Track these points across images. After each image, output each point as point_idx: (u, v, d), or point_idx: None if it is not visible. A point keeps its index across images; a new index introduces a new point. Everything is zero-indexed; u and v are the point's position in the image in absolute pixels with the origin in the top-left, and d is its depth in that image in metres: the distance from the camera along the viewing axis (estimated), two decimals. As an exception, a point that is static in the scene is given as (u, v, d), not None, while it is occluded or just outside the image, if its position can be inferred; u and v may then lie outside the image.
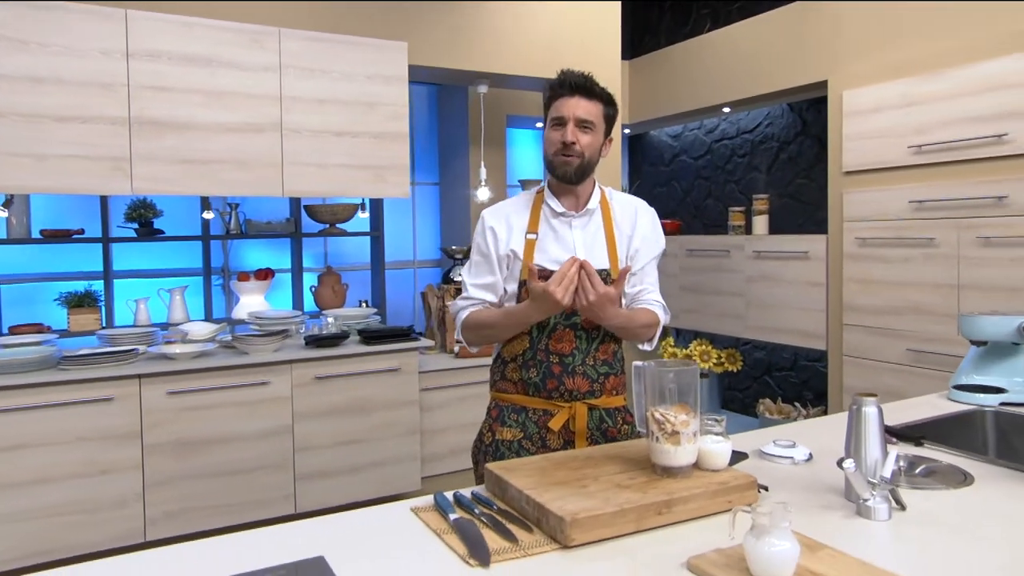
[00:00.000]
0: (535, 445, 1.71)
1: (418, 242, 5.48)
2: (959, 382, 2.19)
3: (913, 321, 3.46)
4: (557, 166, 1.69)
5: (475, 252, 1.78)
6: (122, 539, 2.83)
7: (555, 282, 1.52)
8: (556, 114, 1.69)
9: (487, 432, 1.78)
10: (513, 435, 1.72)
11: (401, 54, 3.41)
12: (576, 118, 1.66)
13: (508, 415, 1.74)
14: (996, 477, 1.48)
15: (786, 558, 1.01)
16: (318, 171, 3.24)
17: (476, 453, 1.81)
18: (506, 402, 1.76)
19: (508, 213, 1.77)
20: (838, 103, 3.79)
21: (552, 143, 1.69)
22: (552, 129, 1.70)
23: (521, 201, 1.80)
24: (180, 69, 2.93)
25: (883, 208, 3.56)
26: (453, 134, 5.12)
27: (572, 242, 1.73)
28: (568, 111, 1.66)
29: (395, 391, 3.34)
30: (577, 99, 1.67)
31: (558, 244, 1.72)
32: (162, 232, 3.72)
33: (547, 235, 1.73)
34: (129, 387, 2.82)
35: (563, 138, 1.66)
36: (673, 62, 5.10)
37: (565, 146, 1.66)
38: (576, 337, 1.70)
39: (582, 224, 1.75)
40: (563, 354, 1.69)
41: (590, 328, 1.70)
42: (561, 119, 1.67)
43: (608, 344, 1.74)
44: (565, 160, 1.68)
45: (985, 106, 3.12)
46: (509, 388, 1.75)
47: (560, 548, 1.16)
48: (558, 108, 1.69)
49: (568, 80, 1.68)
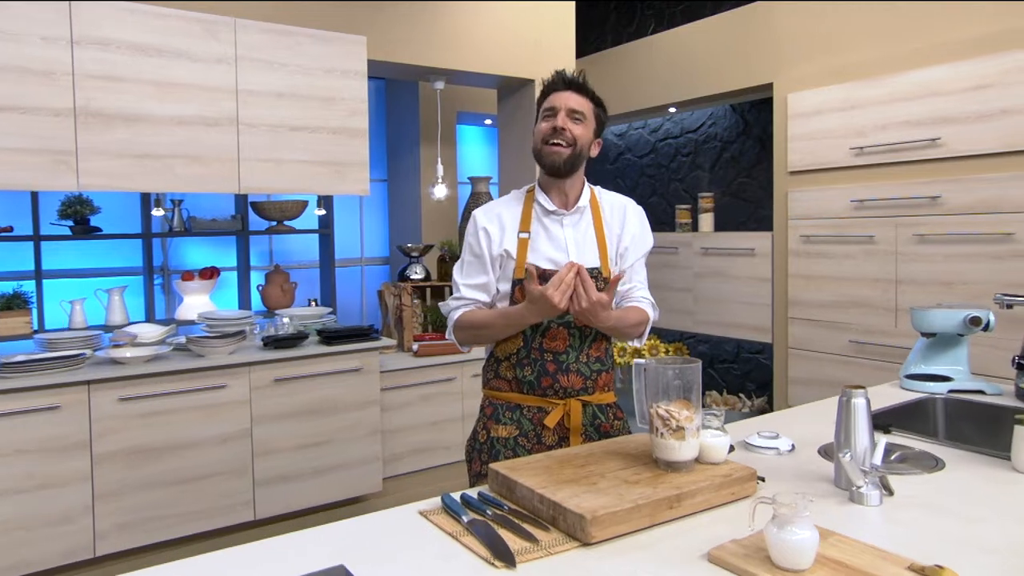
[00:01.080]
0: (531, 442, 1.72)
1: (366, 239, 5.40)
2: (909, 372, 2.33)
3: (854, 314, 3.64)
4: (546, 155, 1.69)
5: (467, 252, 1.77)
6: (69, 555, 2.67)
7: (553, 286, 1.53)
8: (548, 105, 1.71)
9: (481, 430, 1.78)
10: (509, 432, 1.73)
11: (360, 48, 3.34)
12: (568, 108, 1.68)
13: (503, 413, 1.75)
14: (965, 461, 1.59)
15: (808, 546, 1.05)
16: (275, 167, 3.14)
17: (470, 451, 1.81)
18: (500, 400, 1.76)
19: (500, 212, 1.76)
20: (783, 105, 3.95)
21: (542, 132, 1.70)
22: (543, 120, 1.72)
23: (512, 200, 1.80)
24: (129, 58, 2.78)
25: (826, 207, 3.74)
26: (403, 130, 5.06)
27: (564, 240, 1.74)
28: (560, 102, 1.69)
29: (356, 392, 3.29)
30: (569, 93, 1.70)
31: (550, 243, 1.73)
32: (99, 230, 3.52)
33: (539, 234, 1.73)
34: (77, 394, 2.66)
35: (554, 125, 1.68)
36: (620, 62, 5.19)
37: (555, 131, 1.67)
38: (570, 335, 1.72)
39: (573, 222, 1.76)
40: (557, 352, 1.71)
41: (582, 325, 1.72)
42: (553, 109, 1.70)
43: (600, 342, 1.77)
44: (555, 148, 1.68)
45: (920, 111, 3.32)
46: (503, 386, 1.76)
47: (580, 546, 1.18)
48: (550, 100, 1.71)
49: (561, 76, 1.72)
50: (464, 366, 3.77)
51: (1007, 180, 3.04)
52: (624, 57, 5.16)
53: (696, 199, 4.90)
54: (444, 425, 3.71)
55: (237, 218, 4.00)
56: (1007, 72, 3.02)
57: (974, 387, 2.18)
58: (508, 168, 4.40)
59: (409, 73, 3.89)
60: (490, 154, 5.79)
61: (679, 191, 5.34)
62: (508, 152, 4.39)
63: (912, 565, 1.05)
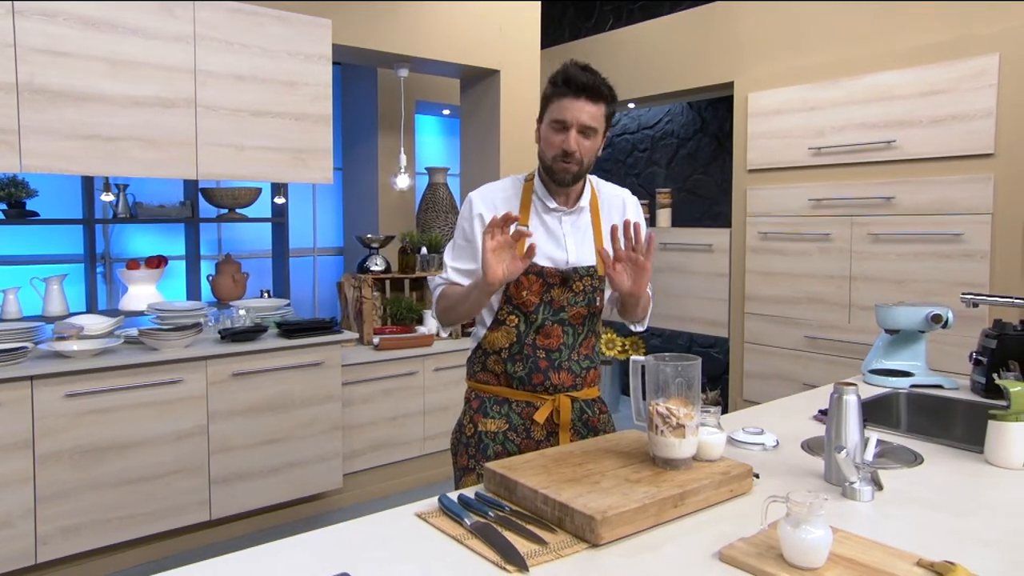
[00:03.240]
0: (520, 436, 1.70)
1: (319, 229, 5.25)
2: (872, 367, 2.39)
3: (809, 310, 3.75)
4: (556, 171, 1.64)
5: (460, 235, 1.73)
6: (8, 563, 2.50)
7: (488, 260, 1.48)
8: (559, 116, 1.60)
9: (468, 424, 1.75)
10: (498, 427, 1.70)
11: (325, 31, 3.22)
12: (579, 124, 1.59)
13: (490, 407, 1.72)
14: (940, 455, 1.64)
15: (822, 545, 1.06)
16: (235, 153, 3.00)
17: (456, 444, 1.78)
18: (487, 393, 1.74)
19: (496, 201, 1.70)
20: (743, 104, 4.01)
21: (552, 146, 1.62)
22: (553, 131, 1.62)
23: (510, 188, 1.74)
24: (79, 33, 2.60)
25: (784, 205, 3.83)
26: (359, 118, 4.93)
27: (562, 237, 1.70)
28: (572, 116, 1.58)
29: (316, 386, 3.19)
30: (583, 102, 1.58)
31: (548, 239, 1.69)
32: (36, 214, 3.31)
33: (537, 228, 1.68)
34: (18, 390, 2.49)
35: (565, 146, 1.60)
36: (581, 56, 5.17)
37: (566, 153, 1.61)
38: (564, 333, 1.70)
39: (572, 220, 1.72)
40: (550, 349, 1.69)
41: (576, 323, 1.71)
42: (563, 123, 1.60)
43: (590, 339, 1.75)
44: (564, 167, 1.63)
45: (876, 114, 3.42)
46: (491, 380, 1.73)
47: (588, 547, 1.16)
48: (561, 110, 1.59)
49: (575, 80, 1.58)
50: (426, 360, 3.71)
51: (957, 183, 3.17)
52: (584, 52, 5.16)
53: (653, 195, 4.95)
54: (405, 420, 3.64)
55: (187, 204, 3.82)
56: (958, 79, 3.15)
57: (933, 382, 2.26)
58: (470, 160, 4.34)
59: (374, 59, 3.79)
60: (447, 144, 5.71)
61: (635, 187, 5.39)
62: (470, 143, 4.33)
63: (921, 561, 1.07)
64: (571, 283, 1.68)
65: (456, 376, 3.81)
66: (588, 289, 1.70)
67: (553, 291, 1.67)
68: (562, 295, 1.68)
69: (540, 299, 1.67)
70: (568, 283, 1.68)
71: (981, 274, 3.11)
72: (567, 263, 1.68)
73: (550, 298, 1.67)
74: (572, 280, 1.68)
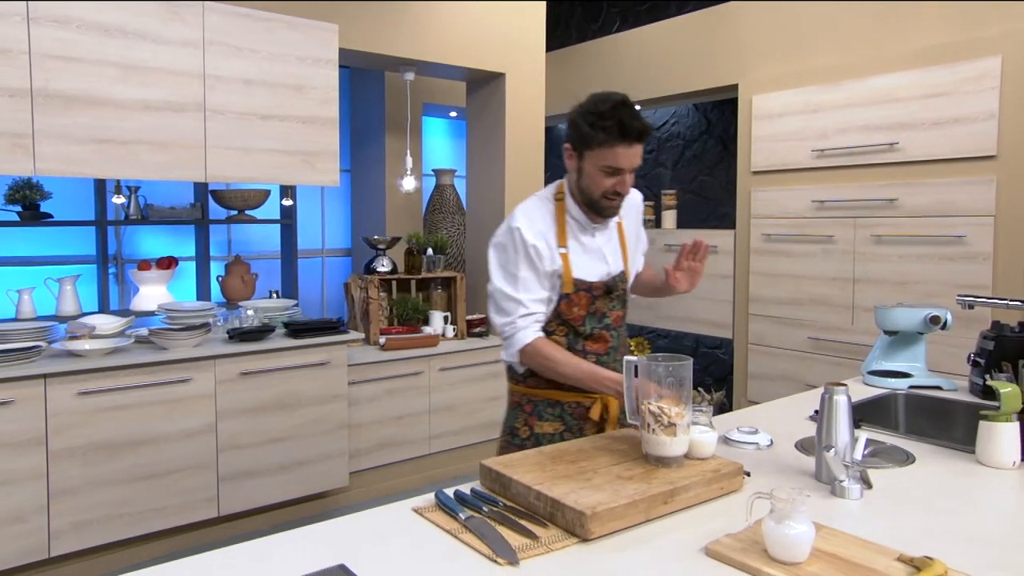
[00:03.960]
0: (574, 435, 1.79)
1: (327, 230, 5.31)
2: (871, 368, 2.41)
3: (813, 312, 3.76)
4: (604, 208, 1.72)
5: (522, 267, 1.71)
6: (22, 557, 2.56)
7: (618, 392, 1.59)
8: (612, 162, 1.64)
9: (522, 427, 1.83)
10: (554, 428, 1.79)
11: (332, 36, 3.27)
12: (631, 167, 1.66)
13: (544, 409, 1.81)
14: (933, 455, 1.66)
15: (804, 540, 1.09)
16: (244, 155, 3.05)
17: (506, 446, 1.84)
18: (539, 397, 1.82)
19: (541, 229, 1.73)
20: (748, 106, 4.03)
21: (601, 186, 1.68)
22: (605, 175, 1.66)
23: (545, 211, 1.77)
24: (91, 39, 2.66)
25: (787, 206, 3.84)
26: (367, 121, 4.98)
27: (599, 250, 1.80)
28: (628, 162, 1.64)
29: (323, 386, 3.24)
30: (636, 148, 1.64)
31: (589, 255, 1.79)
32: (50, 216, 3.37)
33: (575, 247, 1.77)
34: (32, 388, 2.55)
35: (617, 188, 1.67)
36: (586, 59, 5.22)
37: (617, 194, 1.69)
38: (610, 336, 1.82)
39: (604, 231, 1.83)
40: (599, 354, 1.80)
41: (617, 326, 1.84)
42: (618, 169, 1.65)
43: (624, 337, 1.89)
44: (611, 204, 1.71)
45: (879, 116, 3.43)
46: (540, 384, 1.81)
47: (579, 541, 1.19)
48: (616, 157, 1.63)
49: (630, 129, 1.60)
50: (431, 360, 3.75)
51: (959, 185, 3.18)
52: (590, 54, 5.19)
53: (659, 196, 4.97)
54: (410, 420, 3.68)
55: (197, 206, 3.88)
56: (960, 82, 3.16)
57: (932, 383, 2.28)
58: (476, 162, 4.38)
59: (380, 63, 3.84)
60: (455, 146, 5.76)
61: (641, 187, 5.38)
62: (476, 145, 4.37)
63: (901, 556, 1.10)
64: (612, 292, 1.80)
65: (461, 376, 3.85)
66: (621, 292, 1.84)
67: (597, 302, 1.78)
68: (604, 304, 1.79)
69: (587, 311, 1.77)
70: (611, 292, 1.80)
71: (984, 276, 3.11)
72: (608, 274, 1.80)
73: (595, 308, 1.78)
74: (614, 289, 1.80)
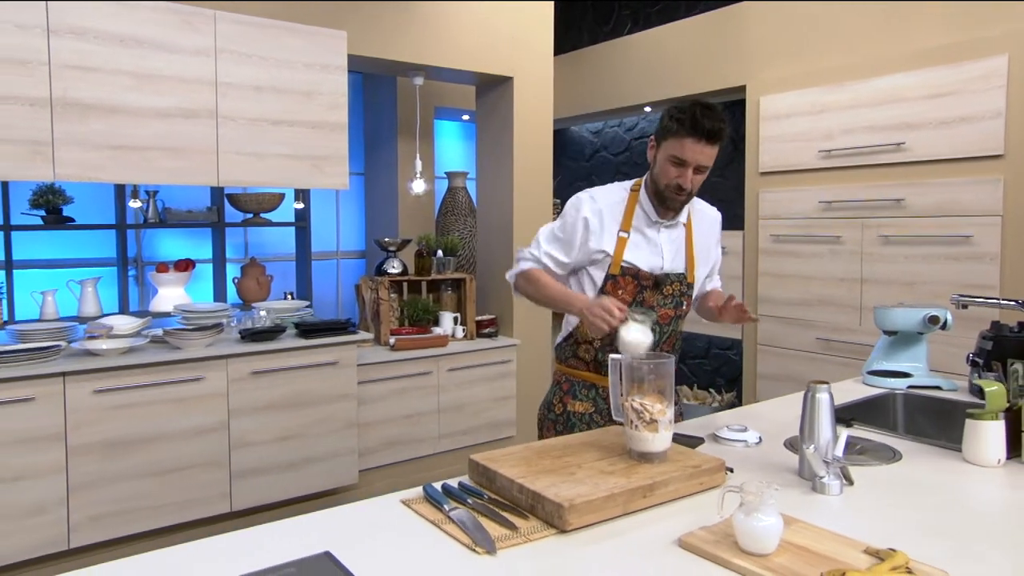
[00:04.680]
0: (604, 419, 1.85)
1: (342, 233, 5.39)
2: (872, 368, 2.42)
3: (821, 312, 3.76)
4: (668, 199, 1.81)
5: (562, 227, 1.88)
6: (43, 548, 2.66)
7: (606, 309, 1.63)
8: (678, 153, 1.72)
9: (557, 403, 1.93)
10: (585, 408, 1.90)
11: (340, 42, 3.34)
12: (697, 164, 1.73)
13: (579, 390, 1.92)
14: (920, 453, 1.68)
15: (772, 532, 1.12)
16: (255, 160, 3.14)
17: (543, 420, 1.96)
18: (577, 377, 1.93)
19: (603, 208, 1.85)
20: (756, 107, 4.04)
21: (668, 176, 1.77)
22: (671, 165, 1.75)
23: (617, 196, 1.88)
24: (107, 49, 2.76)
25: (795, 207, 3.84)
26: (380, 124, 5.06)
27: (660, 246, 1.87)
28: (692, 157, 1.71)
29: (332, 385, 3.31)
30: (703, 145, 1.70)
31: (647, 246, 1.87)
32: (72, 220, 3.49)
33: (638, 236, 1.86)
34: (52, 386, 2.65)
35: (680, 182, 1.75)
36: (597, 61, 5.25)
37: (679, 187, 1.77)
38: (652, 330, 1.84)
39: (669, 232, 1.89)
40: None
41: (664, 323, 1.89)
42: (683, 161, 1.73)
43: (672, 338, 1.95)
44: (675, 197, 1.80)
45: (885, 117, 3.43)
46: (580, 366, 1.92)
47: (557, 533, 1.23)
48: (683, 148, 1.71)
49: (703, 127, 1.68)
50: (440, 360, 3.81)
51: (966, 184, 3.16)
52: (601, 56, 5.22)
53: (670, 197, 4.98)
54: (419, 419, 3.74)
55: (213, 210, 3.98)
56: (966, 81, 3.14)
57: (932, 383, 2.28)
58: (486, 164, 4.43)
59: (389, 68, 3.91)
60: (467, 149, 5.81)
61: (653, 189, 5.42)
62: (486, 148, 4.42)
63: (868, 549, 1.13)
64: (663, 287, 1.87)
65: (470, 376, 3.90)
66: (676, 293, 1.89)
67: (645, 292, 1.85)
68: (653, 296, 1.87)
69: (633, 298, 1.84)
70: (660, 287, 1.87)
71: (991, 276, 3.09)
72: (662, 269, 1.87)
73: (642, 299, 1.85)
74: (664, 284, 1.87)
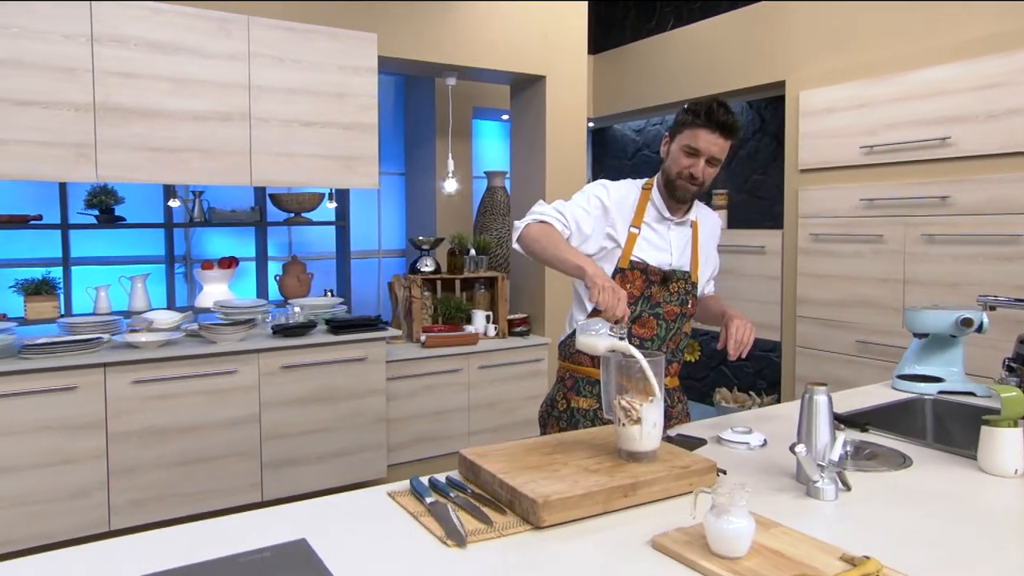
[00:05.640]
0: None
1: (383, 232, 5.49)
2: (903, 372, 2.32)
3: (861, 314, 3.62)
4: (679, 188, 1.82)
5: (582, 202, 1.84)
6: (86, 528, 2.81)
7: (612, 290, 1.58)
8: (692, 143, 1.75)
9: (560, 400, 1.93)
10: (589, 404, 1.89)
11: (371, 45, 3.41)
12: (710, 155, 1.75)
13: (583, 386, 1.90)
14: (932, 460, 1.60)
15: (743, 534, 1.10)
16: (287, 161, 3.24)
17: (545, 416, 1.96)
18: (580, 373, 1.92)
19: (620, 200, 1.86)
20: (795, 103, 3.93)
21: (680, 166, 1.79)
22: (684, 155, 1.78)
23: (630, 191, 1.90)
24: (146, 55, 2.90)
25: (835, 205, 3.72)
26: (419, 125, 5.13)
27: (669, 243, 1.89)
28: (705, 146, 1.74)
29: (362, 380, 3.38)
30: (716, 136, 1.74)
31: (656, 242, 1.88)
32: (123, 219, 3.66)
33: (648, 231, 1.87)
34: (93, 376, 2.79)
35: (692, 171, 1.77)
36: (637, 58, 5.19)
37: (692, 177, 1.78)
38: (658, 325, 1.88)
39: (678, 230, 1.91)
40: (643, 338, 1.87)
41: (670, 319, 1.88)
42: (696, 151, 1.75)
43: (678, 337, 1.93)
44: (686, 187, 1.81)
45: (930, 110, 3.28)
46: (584, 361, 1.90)
47: (532, 529, 1.23)
48: (695, 138, 1.74)
49: (717, 118, 1.72)
50: (471, 358, 3.84)
51: (1016, 181, 3.00)
52: (641, 53, 5.16)
53: (710, 196, 4.89)
54: (449, 415, 3.78)
55: (255, 210, 4.11)
56: (1016, 72, 2.98)
57: (965, 389, 2.18)
58: (519, 163, 4.45)
59: (421, 69, 3.96)
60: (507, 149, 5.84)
61: (695, 188, 5.33)
62: (519, 148, 4.43)
63: (844, 555, 1.09)
64: (669, 283, 1.87)
65: (501, 374, 3.92)
66: (682, 291, 1.90)
67: (653, 288, 1.86)
68: (660, 293, 1.87)
69: (641, 293, 1.85)
70: (667, 283, 1.87)
71: (1042, 277, 2.93)
72: (669, 265, 1.88)
73: (649, 293, 1.86)
74: (671, 281, 1.87)
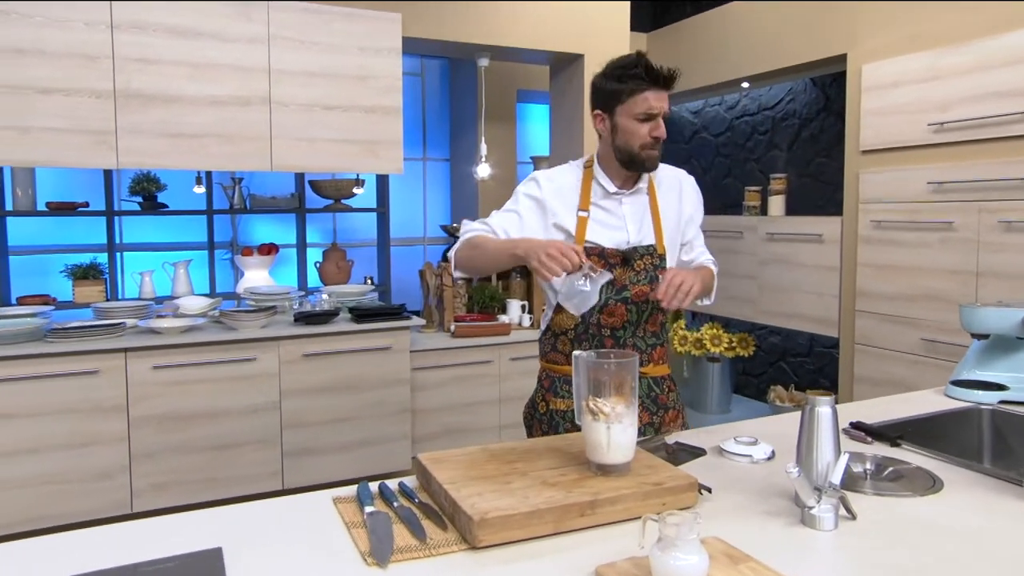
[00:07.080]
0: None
1: (429, 218, 5.42)
2: (959, 377, 2.05)
3: (928, 309, 3.28)
4: (646, 159, 1.70)
5: (515, 204, 1.77)
6: (108, 510, 2.86)
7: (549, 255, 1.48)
8: (646, 108, 1.66)
9: (540, 401, 1.84)
10: (567, 405, 1.77)
11: (395, 25, 3.31)
12: (664, 113, 1.68)
13: (560, 386, 1.80)
14: (970, 484, 1.37)
15: (692, 572, 0.93)
16: (308, 145, 3.18)
17: (529, 419, 1.88)
18: (558, 373, 1.81)
19: (560, 186, 1.76)
20: (857, 78, 3.58)
21: (640, 136, 1.68)
22: (640, 122, 1.67)
23: (572, 175, 1.79)
24: (166, 41, 2.89)
25: (900, 190, 3.37)
26: (463, 109, 5.02)
27: (623, 217, 1.76)
28: (658, 105, 1.66)
29: (386, 370, 3.31)
30: (664, 92, 1.67)
31: (607, 220, 1.75)
32: (165, 206, 3.72)
33: (597, 212, 1.75)
34: (115, 360, 2.83)
35: (656, 133, 1.67)
36: (692, 35, 4.90)
37: (656, 141, 1.68)
38: (627, 312, 1.74)
39: (631, 201, 1.77)
40: (615, 328, 1.74)
41: (639, 301, 1.74)
42: (652, 115, 1.67)
43: (655, 316, 1.78)
44: (653, 155, 1.70)
45: (1010, 81, 2.91)
46: (560, 360, 1.80)
47: (468, 548, 1.10)
48: (648, 101, 1.66)
49: (659, 74, 1.65)
50: (502, 349, 3.71)
51: (1112, 160, 2.61)
52: (696, 30, 4.87)
53: (768, 180, 4.57)
54: (478, 407, 3.67)
55: (295, 196, 4.11)
56: (1117, 33, 2.59)
57: (1032, 398, 1.89)
58: (559, 143, 4.28)
59: (450, 50, 3.84)
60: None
61: (755, 172, 5.01)
62: (559, 128, 4.26)
63: (814, 606, 0.90)
64: (632, 262, 1.73)
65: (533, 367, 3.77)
66: (649, 267, 1.75)
67: (615, 271, 1.72)
68: (624, 274, 1.73)
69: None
70: (630, 262, 1.73)
71: None
72: (628, 243, 1.74)
73: (613, 277, 1.71)
74: (633, 259, 1.73)
